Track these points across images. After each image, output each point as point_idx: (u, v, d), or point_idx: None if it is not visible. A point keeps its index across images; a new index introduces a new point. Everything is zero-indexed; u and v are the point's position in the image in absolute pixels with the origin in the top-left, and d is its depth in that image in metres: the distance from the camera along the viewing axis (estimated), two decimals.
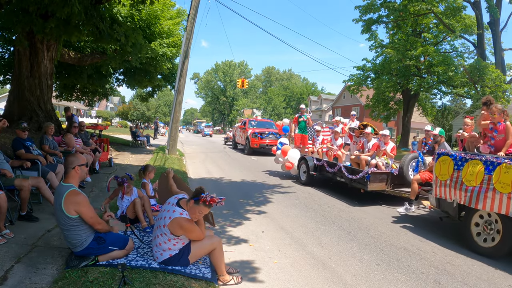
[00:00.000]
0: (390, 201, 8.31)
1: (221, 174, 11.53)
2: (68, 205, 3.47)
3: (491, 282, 4.15)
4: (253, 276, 4.06)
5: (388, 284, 4.00)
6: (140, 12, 12.94)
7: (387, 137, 8.71)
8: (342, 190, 9.29)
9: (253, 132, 18.97)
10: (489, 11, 18.86)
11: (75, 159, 3.75)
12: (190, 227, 3.57)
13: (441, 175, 5.72)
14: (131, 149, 17.42)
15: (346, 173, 8.43)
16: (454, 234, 6.00)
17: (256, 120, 23.04)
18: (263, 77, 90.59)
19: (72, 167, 3.68)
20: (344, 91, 44.53)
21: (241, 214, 6.72)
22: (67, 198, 3.49)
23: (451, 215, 5.76)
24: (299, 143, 11.92)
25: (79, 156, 3.89)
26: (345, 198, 8.49)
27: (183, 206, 3.65)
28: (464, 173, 5.27)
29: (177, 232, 3.56)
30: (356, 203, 8.03)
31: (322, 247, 5.09)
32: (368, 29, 23.51)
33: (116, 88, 21.84)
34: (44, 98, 11.33)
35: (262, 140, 18.51)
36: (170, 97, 70.60)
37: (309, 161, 10.08)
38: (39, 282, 3.36)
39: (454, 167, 5.47)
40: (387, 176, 7.86)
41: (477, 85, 18.43)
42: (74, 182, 3.68)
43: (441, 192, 5.74)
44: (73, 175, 3.69)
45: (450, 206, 5.67)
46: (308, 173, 10.02)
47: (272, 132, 19.00)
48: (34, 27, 7.80)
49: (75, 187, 3.62)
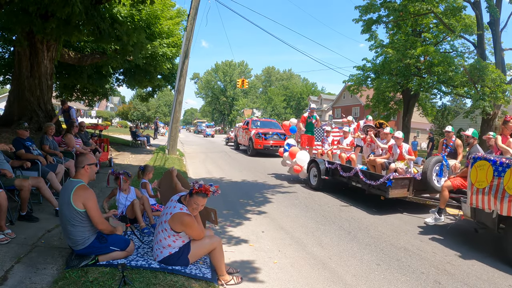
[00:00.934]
0: (412, 209, 7.65)
1: (221, 174, 11.52)
2: (76, 199, 3.56)
3: (491, 282, 4.15)
4: (253, 276, 4.06)
5: (388, 284, 4.00)
6: (140, 12, 12.93)
7: (400, 139, 8.18)
8: (357, 195, 8.65)
9: (256, 132, 18.17)
10: (489, 11, 18.83)
11: (85, 158, 3.88)
12: (190, 222, 3.58)
13: (478, 182, 5.12)
14: (131, 149, 17.42)
15: (364, 178, 7.69)
16: (455, 234, 6.00)
17: (259, 119, 22.10)
18: (263, 77, 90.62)
19: (82, 166, 3.80)
20: (344, 91, 44.54)
21: (241, 214, 6.73)
22: (76, 191, 3.59)
23: (489, 227, 5.20)
24: (306, 144, 11.24)
25: (89, 156, 4.03)
26: (361, 205, 7.85)
27: (183, 202, 3.70)
28: (506, 180, 4.69)
29: (177, 228, 3.59)
30: (374, 211, 7.43)
31: (322, 247, 5.09)
32: (368, 29, 23.48)
33: (116, 88, 21.86)
34: (44, 98, 11.34)
35: (266, 141, 17.73)
36: (170, 97, 70.63)
37: (321, 164, 9.39)
38: (39, 282, 3.36)
39: (494, 173, 4.88)
40: (409, 182, 7.19)
41: (477, 85, 18.40)
42: (84, 179, 3.79)
43: (477, 201, 5.12)
44: (83, 173, 3.81)
45: (488, 217, 5.12)
46: (320, 177, 9.30)
47: (277, 133, 18.25)
48: (34, 27, 7.81)
49: (84, 183, 3.74)
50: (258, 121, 20.99)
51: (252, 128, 19.27)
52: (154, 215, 5.25)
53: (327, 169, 9.28)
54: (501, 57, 19.69)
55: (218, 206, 6.97)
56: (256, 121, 20.81)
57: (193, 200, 3.62)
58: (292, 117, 65.66)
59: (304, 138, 11.21)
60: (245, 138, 19.91)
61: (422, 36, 23.38)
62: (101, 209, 5.13)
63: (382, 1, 22.21)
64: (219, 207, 6.95)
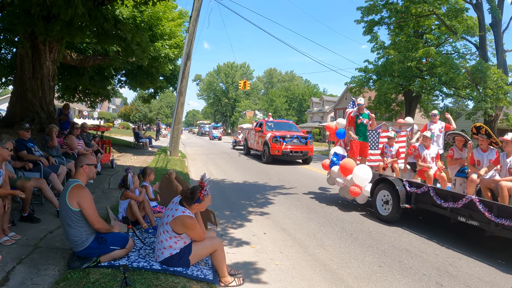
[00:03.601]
0: None
1: (224, 177, 11.51)
2: (71, 198, 3.59)
3: (494, 284, 4.13)
4: (255, 277, 4.06)
5: (390, 285, 3.99)
6: (142, 13, 12.99)
7: (428, 139, 7.11)
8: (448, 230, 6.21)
9: (273, 135, 15.38)
10: (491, 12, 18.82)
11: (85, 158, 3.94)
12: (192, 225, 3.61)
13: None
14: (133, 150, 17.44)
15: (488, 213, 4.92)
16: (456, 235, 5.98)
17: (274, 120, 19.00)
18: (265, 78, 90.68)
19: (81, 165, 3.85)
20: (346, 93, 44.46)
21: (243, 215, 6.72)
22: (72, 191, 3.62)
23: None
24: (357, 154, 8.18)
25: (90, 157, 4.10)
26: (363, 208, 7.43)
27: (185, 204, 3.72)
28: None
29: (179, 230, 3.62)
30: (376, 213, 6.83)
31: (324, 249, 5.08)
32: (370, 31, 23.49)
33: (118, 89, 21.94)
34: (46, 100, 11.37)
35: (285, 145, 15.07)
36: (172, 98, 70.71)
37: (397, 184, 6.58)
38: (41, 283, 3.36)
39: None
40: None
41: (479, 86, 18.37)
42: (81, 179, 3.82)
43: None
44: (81, 173, 3.85)
45: None
46: (398, 205, 6.43)
47: (297, 136, 15.57)
48: (36, 28, 7.84)
49: (81, 182, 3.77)
50: (273, 122, 18.17)
51: (267, 130, 16.58)
52: (156, 217, 5.25)
53: (408, 193, 6.46)
54: (503, 59, 19.64)
55: (220, 207, 6.98)
56: (270, 122, 18.04)
57: (204, 203, 3.73)
58: (294, 118, 65.68)
59: (355, 145, 8.14)
60: (259, 142, 17.24)
61: (424, 37, 23.36)
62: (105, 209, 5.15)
63: (384, 2, 22.22)
64: (221, 207, 6.96)
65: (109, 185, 8.09)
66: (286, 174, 12.36)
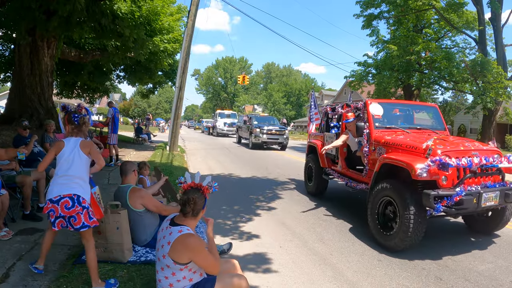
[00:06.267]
0: None
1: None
2: (133, 200, 4.01)
3: (493, 278, 4.15)
4: (254, 272, 4.07)
5: (390, 280, 4.01)
6: (140, 8, 12.90)
7: None
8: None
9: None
10: (490, 6, 18.77)
11: (132, 165, 4.40)
12: (197, 245, 2.65)
13: None
14: (132, 145, 17.43)
15: None
16: (456, 230, 6.00)
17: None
18: (263, 73, 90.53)
19: (132, 170, 4.30)
20: (345, 87, 44.36)
21: (241, 210, 6.72)
22: (131, 195, 4.03)
23: None
24: None
25: (134, 163, 4.61)
26: (363, 201, 7.58)
27: (178, 222, 2.79)
28: None
29: (182, 258, 2.65)
30: None
31: (323, 243, 5.09)
32: (369, 25, 23.39)
33: (117, 85, 21.90)
34: (45, 96, 11.35)
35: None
36: (171, 93, 70.64)
37: None
38: (41, 279, 3.38)
39: None
40: None
41: (478, 80, 18.37)
42: (132, 183, 4.25)
43: None
44: (132, 177, 4.29)
45: None
46: None
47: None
48: (37, 24, 7.80)
49: (134, 186, 4.23)
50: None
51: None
52: None
53: None
54: (502, 53, 19.63)
55: (219, 202, 6.99)
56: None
57: None
58: (292, 113, 65.52)
59: None
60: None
61: (423, 32, 23.31)
62: None
63: None
64: (220, 202, 6.96)
65: (108, 181, 8.09)
66: (286, 169, 12.38)
